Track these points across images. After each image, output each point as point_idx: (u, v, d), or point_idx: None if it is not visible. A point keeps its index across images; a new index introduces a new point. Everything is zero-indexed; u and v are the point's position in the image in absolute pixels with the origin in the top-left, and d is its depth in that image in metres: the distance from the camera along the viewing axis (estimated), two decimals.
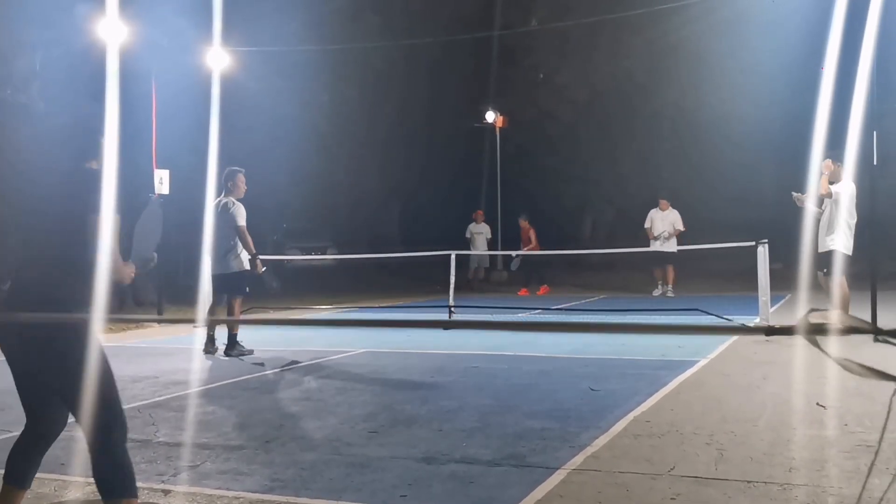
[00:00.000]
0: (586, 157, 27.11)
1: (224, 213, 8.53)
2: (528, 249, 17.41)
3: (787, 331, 1.49)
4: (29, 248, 3.08)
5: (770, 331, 1.54)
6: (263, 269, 8.77)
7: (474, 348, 8.66)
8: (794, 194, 9.16)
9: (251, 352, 8.57)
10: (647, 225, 15.93)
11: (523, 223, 18.12)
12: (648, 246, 15.55)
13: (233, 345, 8.54)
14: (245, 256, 8.58)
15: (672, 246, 15.41)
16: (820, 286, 8.95)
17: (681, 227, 15.62)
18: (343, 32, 20.75)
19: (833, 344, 1.66)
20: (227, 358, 8.41)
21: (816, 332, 1.43)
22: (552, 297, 15.80)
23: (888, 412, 1.70)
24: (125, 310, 14.34)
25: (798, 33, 17.18)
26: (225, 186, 8.70)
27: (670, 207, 15.88)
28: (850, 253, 8.70)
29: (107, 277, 2.92)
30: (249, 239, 8.53)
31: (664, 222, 15.72)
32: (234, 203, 8.57)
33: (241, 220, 8.48)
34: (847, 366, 1.45)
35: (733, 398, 5.78)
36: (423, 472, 4.14)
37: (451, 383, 6.82)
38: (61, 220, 2.99)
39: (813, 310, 1.48)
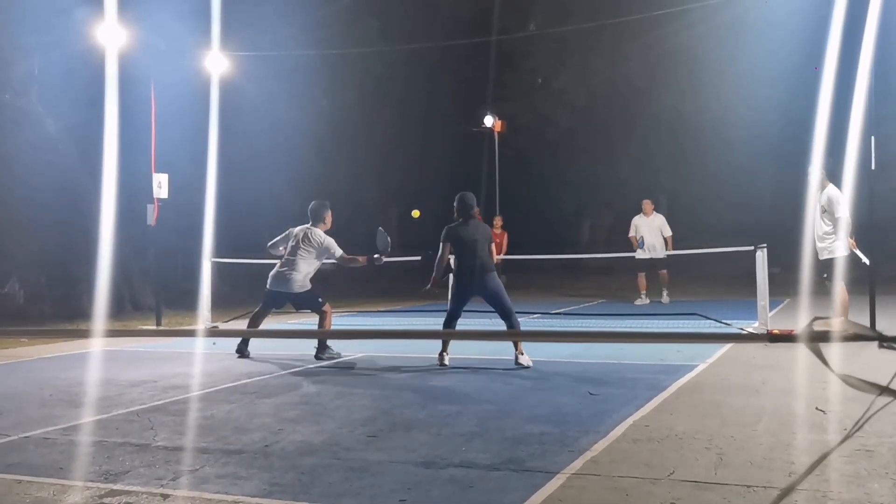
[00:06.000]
0: (585, 162, 27.17)
1: (317, 244, 8.78)
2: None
3: (789, 339, 1.49)
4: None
5: (773, 338, 1.53)
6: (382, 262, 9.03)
7: (473, 352, 8.66)
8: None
9: (339, 355, 8.70)
10: (631, 233, 14.86)
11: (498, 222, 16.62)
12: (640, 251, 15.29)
13: (323, 348, 8.68)
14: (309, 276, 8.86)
15: (662, 252, 14.59)
16: (823, 290, 8.96)
17: (668, 233, 14.65)
18: (342, 37, 20.77)
19: (836, 352, 1.66)
20: (317, 361, 8.48)
21: (819, 340, 1.43)
22: (551, 302, 15.78)
23: None
24: (122, 315, 14.36)
25: (796, 38, 17.24)
26: (313, 217, 8.97)
27: (655, 212, 14.84)
28: (846, 254, 8.70)
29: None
30: (353, 258, 8.89)
31: (650, 229, 14.68)
32: (324, 235, 8.88)
33: (341, 251, 8.85)
34: (847, 380, 1.44)
35: (732, 402, 5.78)
36: (422, 476, 4.13)
37: (449, 388, 6.83)
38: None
39: (816, 318, 1.48)
